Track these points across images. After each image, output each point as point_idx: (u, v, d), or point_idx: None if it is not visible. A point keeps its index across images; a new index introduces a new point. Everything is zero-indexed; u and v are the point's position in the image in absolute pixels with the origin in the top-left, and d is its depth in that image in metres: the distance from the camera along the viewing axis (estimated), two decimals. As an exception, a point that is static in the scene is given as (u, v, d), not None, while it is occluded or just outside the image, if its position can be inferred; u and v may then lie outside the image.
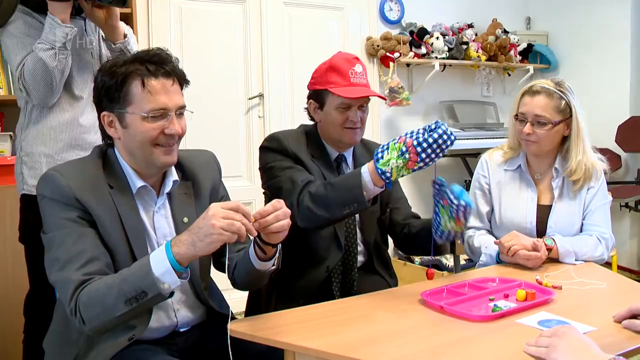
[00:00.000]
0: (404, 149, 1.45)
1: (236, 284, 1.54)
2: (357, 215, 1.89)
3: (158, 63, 1.38)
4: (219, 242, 1.21)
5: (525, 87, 1.99)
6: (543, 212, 1.98)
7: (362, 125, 1.85)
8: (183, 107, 1.42)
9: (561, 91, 1.92)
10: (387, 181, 1.51)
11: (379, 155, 1.50)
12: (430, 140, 1.43)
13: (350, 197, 1.55)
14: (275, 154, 1.82)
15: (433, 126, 1.46)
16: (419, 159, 1.45)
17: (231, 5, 3.63)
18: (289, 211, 1.32)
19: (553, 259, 1.83)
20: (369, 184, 1.54)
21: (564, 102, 1.91)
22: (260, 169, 1.87)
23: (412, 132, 1.48)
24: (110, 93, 1.37)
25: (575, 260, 1.83)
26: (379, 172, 1.50)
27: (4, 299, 2.57)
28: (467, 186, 4.17)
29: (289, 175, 1.75)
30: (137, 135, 1.38)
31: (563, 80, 1.98)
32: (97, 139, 1.93)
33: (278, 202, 1.32)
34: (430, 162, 1.46)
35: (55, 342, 1.46)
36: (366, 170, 1.55)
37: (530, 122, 1.92)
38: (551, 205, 1.98)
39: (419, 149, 1.44)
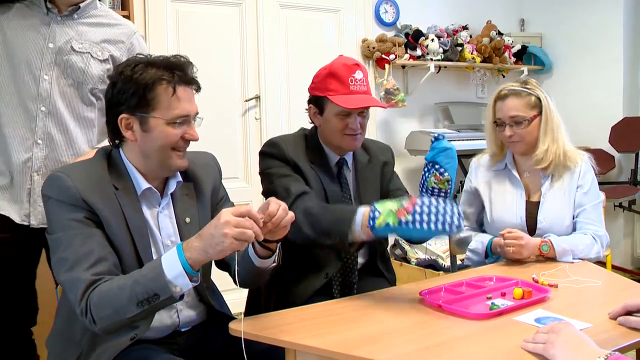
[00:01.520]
0: (406, 200, 1.42)
1: (238, 282, 1.55)
2: None
3: (184, 70, 1.42)
4: (230, 250, 1.23)
5: (495, 93, 2.07)
6: (532, 208, 2.03)
7: (362, 131, 1.83)
8: (197, 114, 1.47)
9: (528, 88, 2.02)
10: (371, 222, 1.43)
11: (382, 201, 1.47)
12: (434, 208, 1.38)
13: (338, 229, 1.54)
14: (273, 160, 1.82)
15: (450, 205, 1.41)
16: (411, 211, 1.38)
17: (228, 8, 3.65)
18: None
19: (550, 258, 1.85)
20: (357, 226, 1.50)
21: (533, 97, 2.00)
22: (259, 173, 1.88)
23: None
24: (135, 97, 1.38)
25: (573, 258, 1.86)
26: (371, 209, 1.45)
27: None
28: (461, 187, 4.19)
29: (284, 182, 1.76)
30: (159, 139, 1.40)
31: (529, 78, 2.10)
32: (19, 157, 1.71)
33: (276, 200, 1.34)
34: (419, 226, 1.37)
35: (58, 342, 1.47)
36: (362, 211, 1.52)
37: (508, 124, 2.00)
38: (540, 202, 2.02)
39: (418, 202, 1.40)
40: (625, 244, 4.37)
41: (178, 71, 1.42)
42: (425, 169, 1.64)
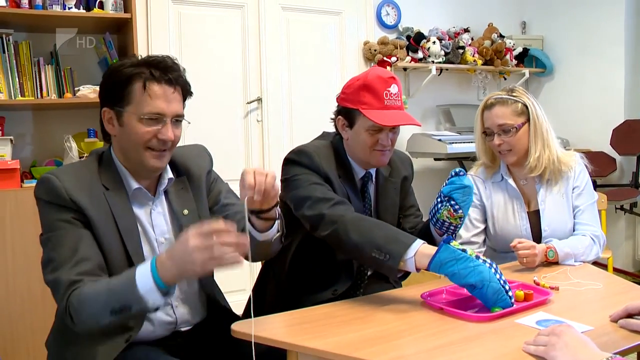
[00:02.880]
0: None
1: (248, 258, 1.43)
2: None
3: (163, 70, 1.42)
4: (205, 272, 1.22)
5: (481, 103, 2.06)
6: (535, 218, 2.02)
7: (391, 147, 1.77)
8: (180, 116, 1.46)
9: (514, 95, 2.00)
10: (447, 238, 1.44)
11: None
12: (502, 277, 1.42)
13: (391, 247, 1.48)
14: (302, 168, 1.72)
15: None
16: (487, 258, 1.44)
17: (230, 10, 3.66)
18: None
19: (553, 262, 1.85)
20: (412, 252, 1.46)
21: (519, 104, 1.98)
22: (283, 180, 1.77)
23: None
24: (114, 91, 1.41)
25: (575, 261, 1.86)
26: (445, 238, 1.45)
27: (4, 301, 2.57)
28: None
29: (318, 189, 1.68)
30: (132, 135, 1.41)
31: (515, 86, 2.07)
32: None
33: (247, 169, 1.31)
34: (493, 270, 1.41)
35: (57, 342, 1.48)
36: (421, 242, 1.48)
37: (496, 133, 1.99)
38: (539, 210, 2.01)
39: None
40: (627, 247, 4.37)
41: (155, 69, 1.41)
42: (439, 200, 1.62)
